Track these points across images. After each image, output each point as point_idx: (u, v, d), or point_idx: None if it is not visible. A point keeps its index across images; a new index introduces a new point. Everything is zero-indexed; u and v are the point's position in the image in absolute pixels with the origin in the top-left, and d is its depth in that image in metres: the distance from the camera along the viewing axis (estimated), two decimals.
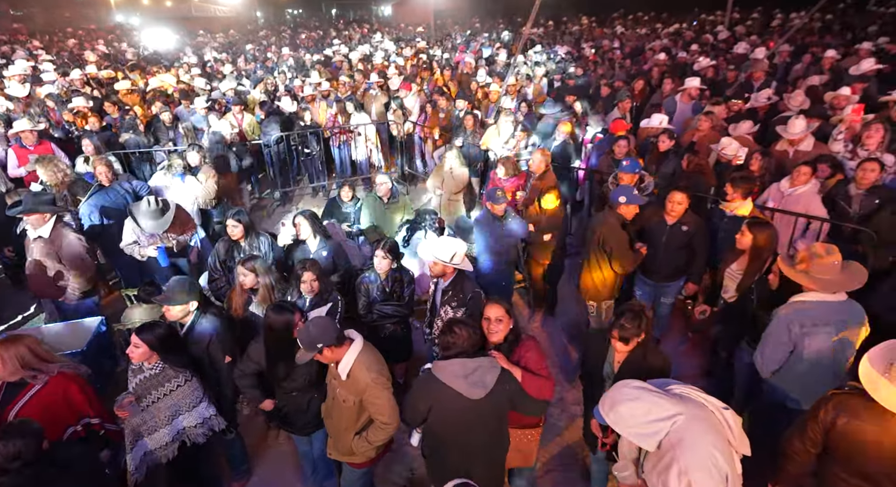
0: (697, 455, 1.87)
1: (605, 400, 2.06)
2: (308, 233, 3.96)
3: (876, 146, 4.71)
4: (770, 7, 16.34)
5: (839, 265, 2.64)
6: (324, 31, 21.61)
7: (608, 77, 9.56)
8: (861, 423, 2.06)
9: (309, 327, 2.51)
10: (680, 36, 13.75)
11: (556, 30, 18.42)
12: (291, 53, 14.58)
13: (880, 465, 2.04)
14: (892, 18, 13.12)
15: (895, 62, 8.11)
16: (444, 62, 12.49)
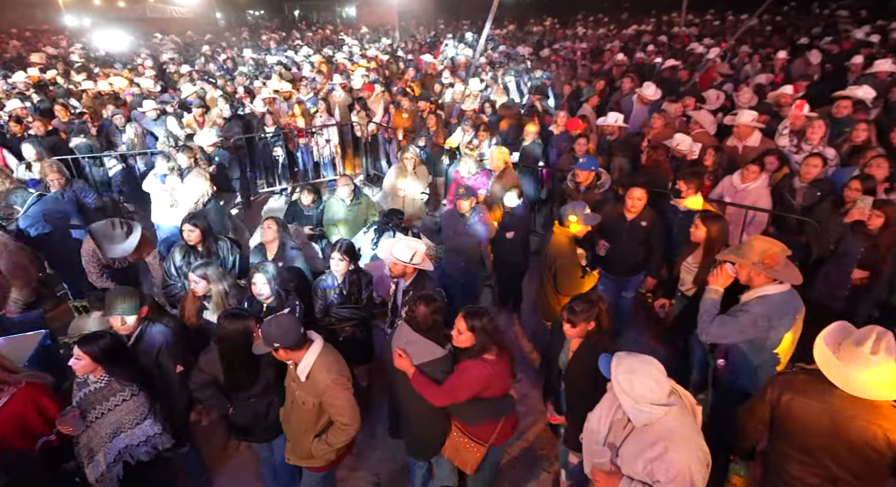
0: (690, 447, 1.94)
1: (622, 361, 2.06)
2: (272, 238, 3.87)
3: (818, 141, 4.94)
4: (723, 9, 16.98)
5: (786, 259, 2.72)
6: (286, 32, 21.25)
7: (569, 77, 9.72)
8: (804, 400, 2.12)
9: (272, 323, 2.48)
10: (639, 37, 14.13)
11: (518, 31, 18.63)
12: (253, 56, 14.27)
13: (821, 440, 2.10)
14: (834, 20, 13.83)
15: (836, 62, 8.53)
16: (408, 63, 12.46)
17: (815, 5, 16.60)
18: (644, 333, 4.77)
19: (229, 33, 22.02)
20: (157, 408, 2.76)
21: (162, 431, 2.73)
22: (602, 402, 2.30)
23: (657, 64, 9.89)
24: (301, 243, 4.56)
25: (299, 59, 13.38)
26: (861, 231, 3.60)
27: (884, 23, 11.46)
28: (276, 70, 11.15)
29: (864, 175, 4.02)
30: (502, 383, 2.63)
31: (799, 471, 2.21)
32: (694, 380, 3.65)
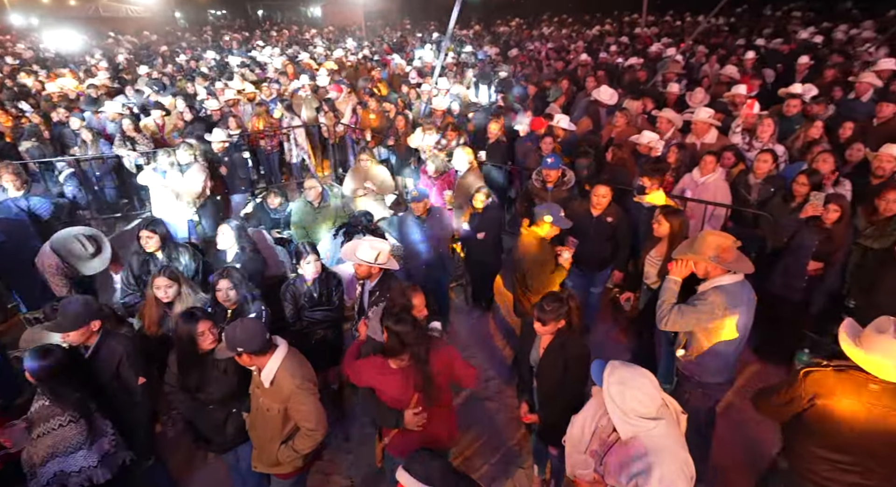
0: (677, 463, 1.93)
1: (615, 371, 2.04)
2: (230, 243, 3.78)
3: (768, 138, 5.17)
4: (682, 10, 17.53)
5: (736, 251, 2.83)
6: (249, 32, 20.80)
7: (535, 77, 9.85)
8: (839, 399, 2.12)
9: (237, 327, 2.43)
10: (602, 38, 14.44)
11: (485, 31, 18.77)
12: (214, 57, 13.91)
13: (857, 437, 2.13)
14: (784, 22, 14.47)
15: (786, 62, 8.92)
16: (375, 63, 12.39)
17: (768, 7, 17.31)
18: (613, 327, 4.87)
19: (190, 33, 21.38)
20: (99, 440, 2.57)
21: (97, 464, 2.51)
22: (586, 407, 2.27)
23: (619, 64, 10.14)
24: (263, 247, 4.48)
25: (263, 59, 13.12)
26: (816, 225, 3.77)
27: (829, 25, 12.05)
28: (239, 71, 10.91)
29: (811, 170, 4.22)
30: (394, 393, 2.56)
31: (831, 472, 2.22)
32: (660, 371, 3.76)
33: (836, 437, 2.18)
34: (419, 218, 4.33)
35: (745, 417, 3.76)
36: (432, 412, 2.59)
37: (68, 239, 3.74)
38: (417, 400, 2.55)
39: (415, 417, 2.56)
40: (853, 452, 2.18)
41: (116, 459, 2.60)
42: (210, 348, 2.68)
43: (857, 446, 2.16)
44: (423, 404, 2.55)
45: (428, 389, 2.51)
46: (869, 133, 5.23)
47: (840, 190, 4.33)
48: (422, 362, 2.49)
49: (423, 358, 2.49)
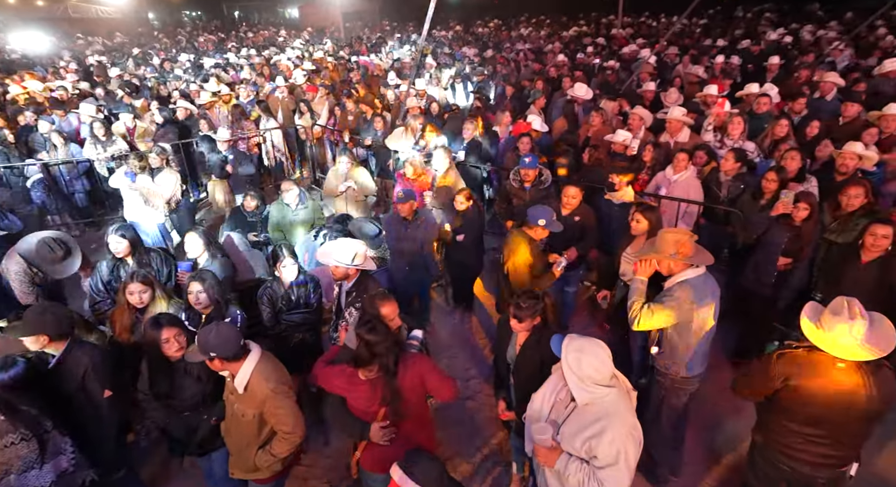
0: (626, 426, 2.05)
1: (573, 341, 2.16)
2: (199, 250, 3.72)
3: (738, 136, 5.30)
4: (657, 11, 17.85)
5: (695, 246, 2.89)
6: (225, 33, 20.51)
7: (513, 77, 9.92)
8: (810, 379, 2.28)
9: (211, 331, 2.38)
10: (579, 39, 14.61)
11: (464, 32, 18.83)
12: (189, 58, 13.68)
13: (826, 411, 2.30)
14: (754, 24, 14.84)
15: (756, 62, 9.16)
16: (353, 64, 12.33)
17: (739, 9, 17.74)
18: (589, 324, 4.93)
19: (163, 35, 20.98)
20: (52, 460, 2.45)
21: (50, 485, 2.37)
22: (546, 383, 2.38)
23: (595, 64, 10.28)
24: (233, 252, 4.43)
25: (237, 61, 12.95)
26: (785, 223, 3.87)
27: (797, 26, 12.40)
28: (214, 73, 10.75)
29: (779, 167, 4.33)
30: (361, 405, 2.50)
31: (803, 445, 2.41)
32: (635, 366, 3.81)
33: (807, 413, 2.35)
34: (405, 220, 4.32)
35: (718, 409, 3.85)
36: (404, 427, 2.51)
37: (36, 243, 3.64)
38: (384, 414, 2.47)
39: (381, 431, 2.46)
40: (823, 426, 2.35)
41: (76, 478, 2.49)
42: (178, 355, 2.63)
43: (827, 420, 2.33)
44: (391, 418, 2.47)
45: (395, 403, 2.43)
46: (834, 132, 5.40)
47: (807, 187, 4.46)
48: (390, 374, 2.41)
49: (392, 371, 2.41)
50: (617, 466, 2.03)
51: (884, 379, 2.24)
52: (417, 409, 2.56)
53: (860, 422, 2.33)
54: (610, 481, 2.04)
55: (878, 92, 6.72)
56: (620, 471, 2.03)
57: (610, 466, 2.04)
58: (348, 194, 5.82)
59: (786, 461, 2.49)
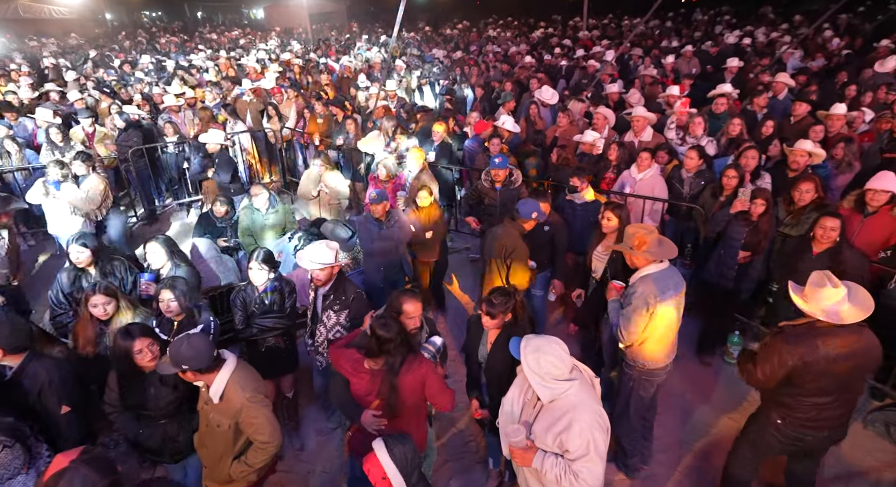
0: (593, 416, 2.12)
1: (529, 342, 2.20)
2: (162, 260, 3.64)
3: (700, 135, 5.50)
4: (621, 14, 18.28)
5: (658, 240, 3.00)
6: (188, 34, 19.97)
7: (481, 79, 10.01)
8: (819, 352, 2.45)
9: (183, 343, 2.34)
10: (546, 40, 14.84)
11: (433, 33, 18.88)
12: (151, 60, 13.27)
13: (834, 378, 2.50)
14: (710, 25, 15.39)
15: (714, 63, 9.51)
16: (322, 66, 12.20)
17: (697, 11, 18.34)
18: (560, 321, 5.03)
19: (122, 36, 20.28)
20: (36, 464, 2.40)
21: None
22: (514, 385, 2.43)
23: (563, 66, 10.48)
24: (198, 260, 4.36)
25: (201, 62, 12.65)
26: (744, 218, 4.05)
27: (751, 28, 12.92)
28: (179, 75, 10.47)
29: (737, 164, 4.52)
30: (360, 392, 2.61)
31: (818, 413, 2.60)
32: (607, 359, 3.92)
33: (819, 384, 2.54)
34: (378, 221, 4.32)
35: (685, 399, 4.00)
36: (396, 422, 2.56)
37: None
38: (378, 406, 2.56)
39: (372, 419, 2.56)
40: (833, 392, 2.57)
41: None
42: (152, 365, 2.58)
43: (835, 385, 2.55)
44: (383, 411, 2.54)
45: (391, 400, 2.50)
46: (786, 130, 5.67)
47: (761, 183, 4.67)
48: (392, 372, 2.49)
49: (395, 370, 2.49)
50: (588, 456, 2.09)
51: (868, 338, 2.50)
52: (412, 410, 2.61)
53: (859, 381, 2.64)
54: (584, 471, 2.10)
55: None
56: (592, 461, 2.10)
57: (582, 457, 2.10)
58: (321, 198, 5.78)
59: (806, 432, 2.68)
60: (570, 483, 2.12)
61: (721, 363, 4.37)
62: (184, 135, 7.36)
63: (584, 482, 2.10)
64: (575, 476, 2.11)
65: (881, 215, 3.85)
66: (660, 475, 3.41)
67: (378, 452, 2.00)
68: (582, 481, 2.10)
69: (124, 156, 6.74)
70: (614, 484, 3.35)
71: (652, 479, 3.38)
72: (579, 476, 2.10)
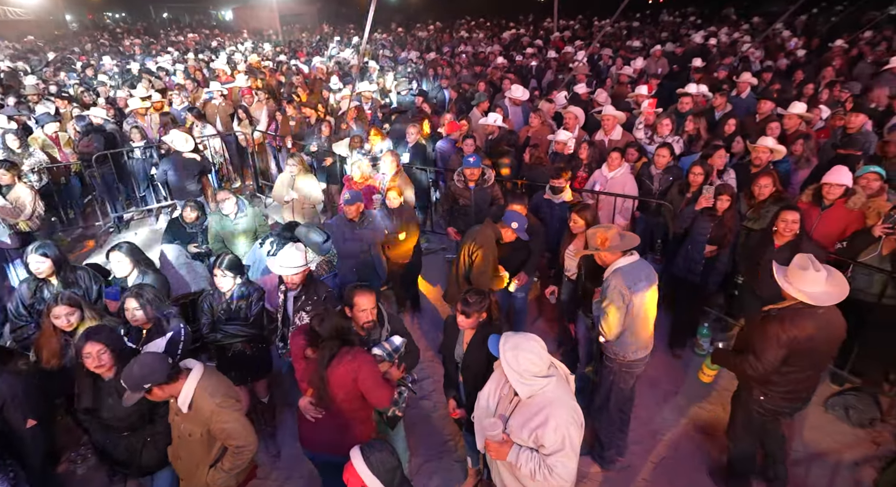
0: (568, 412, 2.16)
1: (508, 340, 2.24)
2: (126, 269, 3.54)
3: (668, 133, 5.65)
4: (590, 15, 18.60)
5: (619, 234, 3.08)
6: (153, 36, 19.47)
7: (454, 80, 10.05)
8: (807, 331, 2.62)
9: (133, 366, 2.28)
10: (517, 41, 14.99)
11: (406, 35, 18.86)
12: (116, 63, 12.89)
13: (822, 353, 2.75)
14: (677, 26, 15.80)
15: (680, 63, 9.76)
16: (295, 68, 12.06)
17: (664, 12, 18.81)
18: (537, 318, 5.09)
19: (84, 38, 19.64)
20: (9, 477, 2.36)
21: None
22: (490, 381, 2.46)
23: (533, 66, 10.60)
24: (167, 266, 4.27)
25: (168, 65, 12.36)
26: (709, 213, 4.17)
27: (714, 28, 13.31)
28: (145, 77, 10.20)
29: (704, 162, 4.66)
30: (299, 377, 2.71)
31: (803, 383, 2.84)
32: (582, 355, 3.99)
33: (811, 360, 2.75)
34: (352, 222, 4.30)
35: (658, 391, 4.10)
36: (335, 417, 2.59)
37: None
38: (311, 395, 2.63)
39: (308, 405, 2.64)
40: (817, 364, 2.82)
41: None
42: (100, 372, 2.53)
43: (818, 357, 2.78)
44: (315, 401, 2.60)
45: (319, 391, 2.52)
46: (751, 127, 5.86)
47: (727, 179, 4.82)
48: (321, 364, 2.50)
49: (324, 362, 2.49)
50: (564, 451, 2.13)
51: (837, 315, 2.72)
52: (348, 404, 2.57)
53: (830, 353, 2.88)
54: (558, 466, 2.14)
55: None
56: (567, 456, 2.14)
57: (557, 452, 2.14)
58: (294, 203, 5.71)
59: (788, 404, 2.91)
60: (544, 477, 2.16)
61: (691, 355, 4.49)
62: (151, 140, 7.17)
63: (558, 476, 2.14)
64: (549, 471, 2.15)
65: (837, 208, 4.02)
66: (635, 466, 3.49)
67: (355, 461, 1.98)
68: (556, 475, 2.14)
69: (87, 161, 6.54)
70: (591, 477, 3.41)
71: (628, 471, 3.46)
72: (553, 470, 2.14)
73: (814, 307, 2.62)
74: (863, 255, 3.65)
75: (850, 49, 9.71)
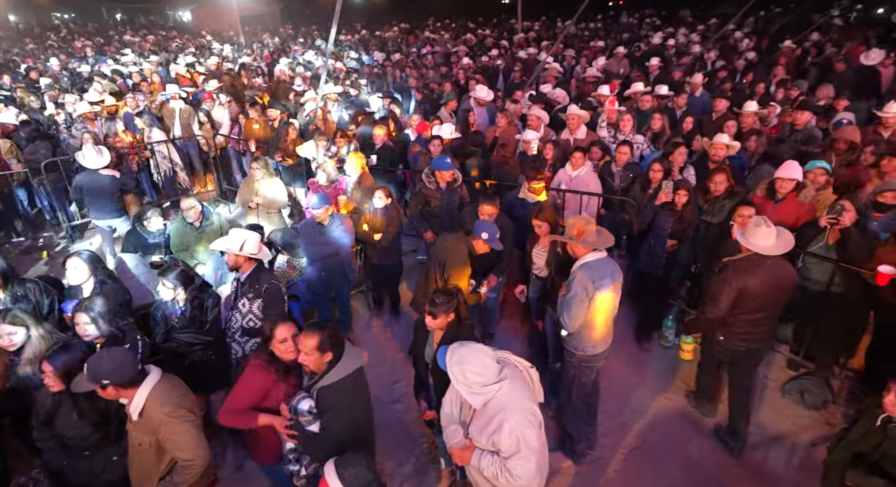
0: (522, 414, 2.17)
1: (454, 353, 2.25)
2: (83, 276, 3.40)
3: (629, 131, 5.80)
4: (553, 16, 18.90)
5: (596, 230, 3.16)
6: (105, 38, 18.69)
7: (420, 81, 10.04)
8: (756, 276, 3.11)
9: (103, 357, 2.22)
10: (483, 42, 15.10)
11: (371, 36, 18.72)
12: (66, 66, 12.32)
13: (768, 297, 3.17)
14: (637, 27, 16.24)
15: (639, 63, 10.03)
16: (258, 70, 11.80)
17: (624, 14, 19.30)
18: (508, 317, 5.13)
19: (29, 39, 18.70)
20: None
21: None
22: (451, 387, 2.46)
23: (499, 66, 10.70)
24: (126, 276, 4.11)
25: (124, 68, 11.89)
26: (669, 209, 4.30)
27: (672, 30, 13.75)
28: (97, 80, 9.78)
29: (663, 158, 4.80)
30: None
31: (752, 327, 3.26)
32: (551, 350, 4.04)
33: (757, 302, 3.17)
34: (320, 225, 4.24)
35: (625, 384, 4.19)
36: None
37: None
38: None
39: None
40: (765, 309, 3.22)
41: None
42: (55, 388, 2.42)
43: (766, 303, 3.19)
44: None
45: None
46: (708, 126, 6.08)
47: (686, 175, 4.98)
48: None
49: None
50: (520, 453, 2.17)
51: (787, 268, 3.23)
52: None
53: (781, 300, 3.27)
54: (517, 468, 2.17)
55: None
56: (525, 457, 2.17)
57: (514, 455, 2.17)
58: (259, 208, 5.57)
59: (744, 344, 3.34)
60: (506, 480, 2.20)
61: (657, 348, 4.61)
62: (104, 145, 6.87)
63: (518, 478, 2.18)
64: (510, 474, 2.18)
65: (789, 201, 4.21)
66: (605, 458, 3.56)
67: (328, 476, 1.95)
68: (517, 477, 2.18)
69: (36, 169, 6.23)
70: (563, 471, 3.47)
71: (598, 463, 3.52)
72: (514, 472, 2.18)
73: (763, 257, 3.11)
74: (811, 245, 3.83)
75: (797, 49, 10.20)
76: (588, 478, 3.43)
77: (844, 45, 10.28)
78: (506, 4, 20.26)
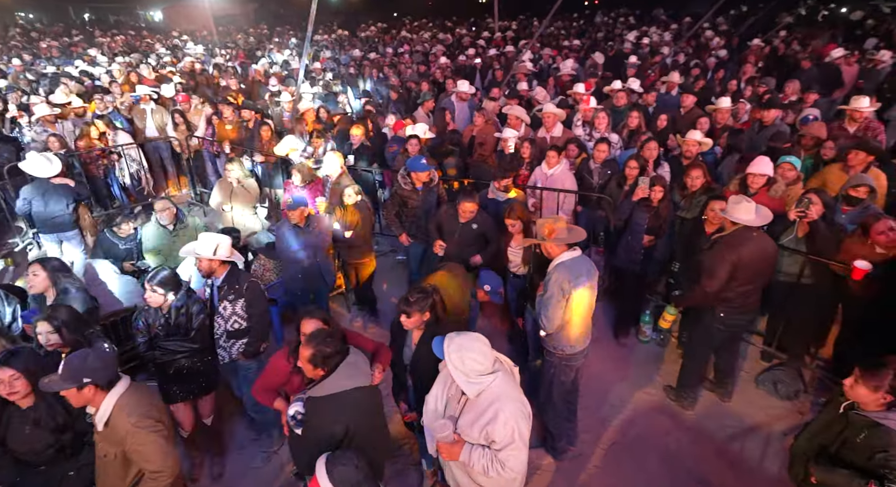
0: (516, 405, 2.19)
1: (452, 341, 2.24)
2: (42, 285, 3.27)
3: (605, 129, 5.85)
4: (530, 16, 19.01)
5: (567, 227, 3.17)
6: (72, 38, 18.13)
7: (398, 81, 9.99)
8: (747, 248, 3.31)
9: (87, 355, 2.16)
10: (460, 41, 15.10)
11: (348, 35, 18.56)
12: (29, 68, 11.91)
13: (758, 268, 3.38)
14: (611, 27, 16.45)
15: (613, 62, 10.16)
16: (232, 70, 11.58)
17: (599, 13, 19.51)
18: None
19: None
20: None
21: None
22: (436, 384, 2.45)
23: (477, 64, 10.71)
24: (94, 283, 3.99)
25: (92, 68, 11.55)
26: (646, 205, 4.35)
27: (646, 29, 13.96)
28: (63, 82, 9.46)
29: (638, 155, 4.85)
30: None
31: (745, 299, 3.46)
32: (531, 348, 4.06)
33: (748, 273, 3.36)
34: (297, 226, 4.17)
35: (603, 380, 4.23)
36: None
37: None
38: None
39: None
40: (754, 279, 3.43)
41: None
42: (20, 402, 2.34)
43: (755, 273, 3.39)
44: None
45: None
46: (679, 122, 6.18)
47: (661, 172, 5.05)
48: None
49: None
50: (514, 443, 2.16)
51: (768, 241, 3.46)
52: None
53: (767, 270, 3.50)
54: (510, 459, 2.17)
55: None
56: (517, 448, 2.17)
57: (508, 445, 2.16)
58: (234, 210, 5.47)
59: (742, 316, 3.57)
60: (497, 472, 2.18)
61: (636, 343, 4.66)
62: (69, 149, 6.66)
63: (510, 470, 2.17)
64: (502, 465, 2.17)
65: (760, 196, 4.29)
66: (586, 453, 3.58)
67: (318, 474, 1.94)
68: (508, 469, 2.17)
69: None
70: (544, 468, 3.48)
71: (579, 459, 3.54)
72: (506, 464, 2.17)
73: (749, 230, 3.33)
74: (782, 237, 3.92)
75: (765, 47, 10.45)
76: (569, 474, 3.45)
77: (810, 44, 10.58)
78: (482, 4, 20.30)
